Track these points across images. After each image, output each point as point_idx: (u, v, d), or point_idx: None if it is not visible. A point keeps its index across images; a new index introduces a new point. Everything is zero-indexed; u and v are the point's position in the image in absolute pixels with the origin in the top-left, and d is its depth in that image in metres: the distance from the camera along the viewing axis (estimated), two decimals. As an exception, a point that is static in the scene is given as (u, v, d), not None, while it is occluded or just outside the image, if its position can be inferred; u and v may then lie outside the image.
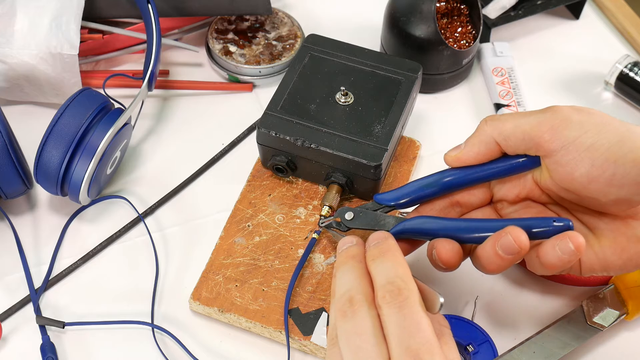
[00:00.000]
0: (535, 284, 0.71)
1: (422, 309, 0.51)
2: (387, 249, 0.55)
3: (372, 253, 0.55)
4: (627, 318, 0.67)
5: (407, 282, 0.52)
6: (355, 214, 0.64)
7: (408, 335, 0.50)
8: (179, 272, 0.72)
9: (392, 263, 0.53)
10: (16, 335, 0.68)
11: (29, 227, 0.74)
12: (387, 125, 0.72)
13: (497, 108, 0.83)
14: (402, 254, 0.55)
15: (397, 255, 0.54)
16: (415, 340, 0.49)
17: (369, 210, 0.64)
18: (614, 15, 0.93)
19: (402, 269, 0.53)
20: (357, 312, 0.52)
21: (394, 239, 0.56)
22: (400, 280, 0.52)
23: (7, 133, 0.69)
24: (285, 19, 0.88)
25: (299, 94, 0.74)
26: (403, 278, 0.52)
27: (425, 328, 0.50)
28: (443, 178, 0.63)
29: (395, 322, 0.50)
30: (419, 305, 0.51)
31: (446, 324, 0.55)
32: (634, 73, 0.84)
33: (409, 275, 0.53)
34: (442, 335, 0.53)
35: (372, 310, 0.52)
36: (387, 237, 0.56)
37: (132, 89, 0.84)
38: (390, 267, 0.53)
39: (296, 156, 0.72)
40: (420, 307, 0.51)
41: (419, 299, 0.52)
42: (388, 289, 0.52)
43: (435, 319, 0.54)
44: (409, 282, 0.52)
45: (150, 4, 0.77)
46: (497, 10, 0.87)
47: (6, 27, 0.76)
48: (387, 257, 0.54)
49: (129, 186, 0.77)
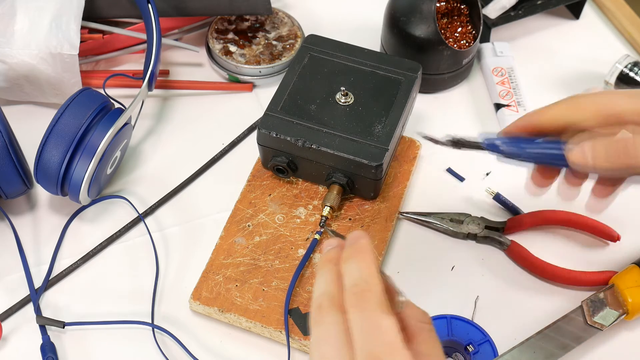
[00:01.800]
0: (536, 284, 0.71)
1: (384, 310, 0.49)
2: (357, 250, 0.53)
3: (344, 255, 0.54)
4: (627, 318, 0.67)
5: (371, 283, 0.50)
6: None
7: (368, 339, 0.48)
8: (179, 272, 0.72)
9: (358, 265, 0.52)
10: (16, 335, 0.68)
11: (29, 227, 0.74)
12: (387, 125, 0.72)
13: (497, 108, 0.83)
14: (373, 253, 0.53)
15: (364, 256, 0.52)
16: (376, 344, 0.48)
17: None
18: (614, 15, 0.93)
19: (368, 269, 0.51)
20: (324, 318, 0.51)
21: (367, 237, 0.54)
22: (364, 282, 0.51)
23: (7, 133, 0.69)
24: (285, 19, 0.88)
25: (299, 94, 0.74)
26: (367, 279, 0.51)
27: (386, 330, 0.48)
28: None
29: (357, 326, 0.49)
30: (380, 307, 0.49)
31: (425, 319, 0.53)
32: (634, 73, 0.84)
33: (374, 276, 0.51)
34: (420, 331, 0.51)
35: (339, 315, 0.50)
36: (360, 237, 0.54)
37: (132, 89, 0.84)
38: (356, 268, 0.52)
39: (297, 157, 0.72)
40: (382, 308, 0.49)
41: (381, 300, 0.50)
42: (352, 291, 0.50)
43: (412, 316, 0.52)
44: (372, 284, 0.50)
45: (150, 4, 0.77)
46: (497, 10, 0.87)
47: (6, 27, 0.76)
48: (355, 259, 0.53)
49: (129, 186, 0.77)
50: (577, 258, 0.72)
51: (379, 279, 0.51)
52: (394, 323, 0.49)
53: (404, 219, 0.75)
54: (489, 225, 0.74)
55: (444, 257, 0.73)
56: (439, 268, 0.72)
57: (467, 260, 0.73)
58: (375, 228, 0.72)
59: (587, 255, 0.73)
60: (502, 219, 0.75)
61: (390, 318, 0.49)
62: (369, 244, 0.54)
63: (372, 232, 0.72)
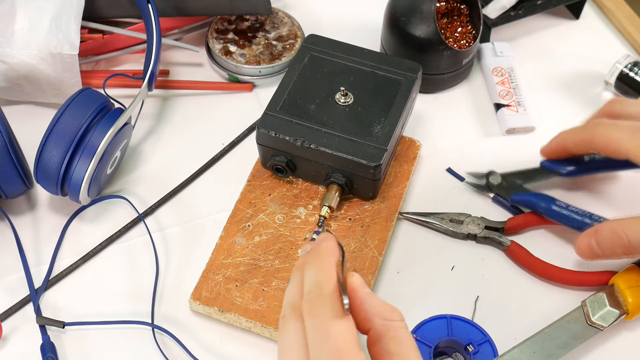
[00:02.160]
0: (536, 284, 0.71)
1: (335, 315, 0.49)
2: (314, 254, 0.52)
3: (305, 260, 0.53)
4: (627, 318, 0.67)
5: (323, 288, 0.50)
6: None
7: (318, 347, 0.48)
8: (179, 272, 0.72)
9: (314, 270, 0.51)
10: (16, 335, 0.68)
11: (29, 227, 0.74)
12: (386, 126, 0.72)
13: (497, 108, 0.83)
14: (331, 256, 0.52)
15: (320, 260, 0.52)
16: (325, 351, 0.48)
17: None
18: (614, 15, 0.93)
19: (322, 274, 0.50)
20: (285, 327, 0.51)
21: (330, 240, 0.53)
22: (317, 287, 0.50)
23: (7, 133, 0.69)
24: (285, 19, 0.88)
25: (299, 94, 0.74)
26: (320, 285, 0.50)
27: (335, 336, 0.48)
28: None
29: (310, 334, 0.49)
30: (331, 312, 0.49)
31: (393, 317, 0.51)
32: (634, 73, 0.84)
33: (327, 280, 0.50)
34: (387, 330, 0.50)
35: (298, 323, 0.50)
36: (322, 240, 0.54)
37: (132, 89, 0.84)
38: (312, 274, 0.51)
39: (296, 156, 0.72)
40: (333, 314, 0.49)
41: (333, 305, 0.49)
42: (307, 298, 0.50)
43: (378, 315, 0.51)
44: (325, 289, 0.50)
45: (150, 4, 0.77)
46: (497, 10, 0.87)
47: (6, 27, 0.76)
48: (311, 264, 0.52)
49: (129, 186, 0.77)
50: (577, 258, 0.72)
51: (332, 283, 0.50)
52: (345, 328, 0.48)
53: (404, 219, 0.75)
54: (489, 226, 0.74)
55: (444, 257, 0.73)
56: (439, 268, 0.72)
57: (467, 260, 0.73)
58: (375, 228, 0.72)
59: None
60: (502, 219, 0.75)
61: (341, 323, 0.48)
62: (328, 247, 0.52)
63: (372, 232, 0.72)
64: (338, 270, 0.52)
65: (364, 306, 0.51)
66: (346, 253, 0.70)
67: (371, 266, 0.70)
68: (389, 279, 0.71)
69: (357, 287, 0.52)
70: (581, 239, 0.67)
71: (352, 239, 0.72)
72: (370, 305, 0.51)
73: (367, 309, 0.51)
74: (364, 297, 0.52)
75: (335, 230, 0.72)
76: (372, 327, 0.51)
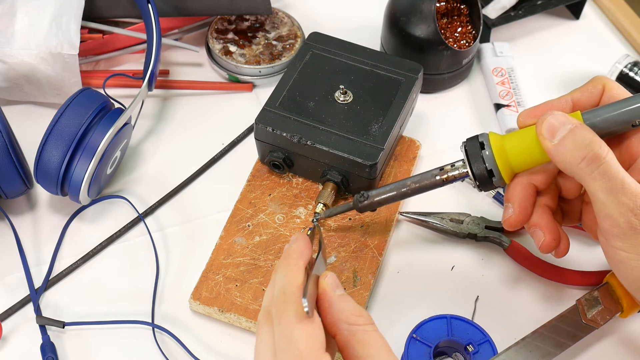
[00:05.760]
0: (535, 283, 0.71)
1: (298, 320, 0.48)
2: (282, 258, 0.52)
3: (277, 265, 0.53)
4: (622, 316, 0.66)
5: (287, 292, 0.49)
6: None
7: (282, 352, 0.48)
8: (179, 272, 0.72)
9: (281, 274, 0.51)
10: (16, 335, 0.68)
11: (29, 227, 0.74)
12: (384, 125, 0.72)
13: (497, 108, 0.83)
14: (298, 258, 0.51)
15: (287, 263, 0.51)
16: (287, 356, 0.48)
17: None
18: (614, 15, 0.93)
19: (286, 278, 0.50)
20: (258, 333, 0.51)
21: (298, 241, 0.53)
22: (282, 292, 0.50)
23: (7, 133, 0.69)
24: (285, 19, 0.89)
25: (299, 91, 0.74)
26: (284, 289, 0.50)
27: (297, 341, 0.48)
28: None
29: (276, 338, 0.49)
30: (295, 316, 0.48)
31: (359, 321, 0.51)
32: (634, 73, 0.84)
33: (291, 283, 0.50)
34: (354, 334, 0.50)
35: (269, 329, 0.50)
36: (292, 242, 0.53)
37: (132, 89, 0.84)
38: (279, 279, 0.51)
39: (293, 153, 0.72)
40: (296, 318, 0.48)
41: (296, 309, 0.49)
42: (274, 303, 0.50)
43: (344, 319, 0.51)
44: (289, 293, 0.49)
45: (150, 4, 0.77)
46: (497, 10, 0.87)
47: (6, 27, 0.76)
48: (279, 268, 0.52)
49: (129, 186, 0.77)
50: (577, 258, 0.72)
51: (297, 286, 0.50)
52: (307, 332, 0.48)
53: (404, 219, 0.75)
54: (489, 225, 0.74)
55: (444, 257, 0.73)
56: (439, 268, 0.72)
57: (467, 260, 0.73)
58: (375, 228, 0.72)
59: (587, 255, 0.73)
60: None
61: (304, 327, 0.48)
62: (296, 249, 0.52)
63: (372, 232, 0.72)
64: (309, 271, 0.52)
65: (331, 310, 0.51)
66: (346, 253, 0.70)
67: (371, 266, 0.70)
68: (389, 279, 0.71)
69: (327, 288, 0.52)
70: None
71: (352, 239, 0.72)
72: (337, 310, 0.51)
73: (334, 314, 0.51)
74: (332, 300, 0.52)
75: (335, 230, 0.72)
76: (337, 332, 0.51)
